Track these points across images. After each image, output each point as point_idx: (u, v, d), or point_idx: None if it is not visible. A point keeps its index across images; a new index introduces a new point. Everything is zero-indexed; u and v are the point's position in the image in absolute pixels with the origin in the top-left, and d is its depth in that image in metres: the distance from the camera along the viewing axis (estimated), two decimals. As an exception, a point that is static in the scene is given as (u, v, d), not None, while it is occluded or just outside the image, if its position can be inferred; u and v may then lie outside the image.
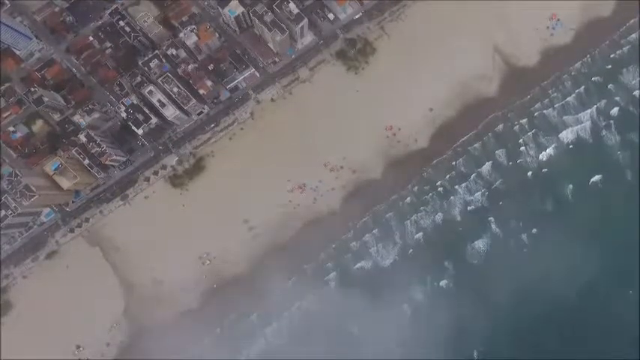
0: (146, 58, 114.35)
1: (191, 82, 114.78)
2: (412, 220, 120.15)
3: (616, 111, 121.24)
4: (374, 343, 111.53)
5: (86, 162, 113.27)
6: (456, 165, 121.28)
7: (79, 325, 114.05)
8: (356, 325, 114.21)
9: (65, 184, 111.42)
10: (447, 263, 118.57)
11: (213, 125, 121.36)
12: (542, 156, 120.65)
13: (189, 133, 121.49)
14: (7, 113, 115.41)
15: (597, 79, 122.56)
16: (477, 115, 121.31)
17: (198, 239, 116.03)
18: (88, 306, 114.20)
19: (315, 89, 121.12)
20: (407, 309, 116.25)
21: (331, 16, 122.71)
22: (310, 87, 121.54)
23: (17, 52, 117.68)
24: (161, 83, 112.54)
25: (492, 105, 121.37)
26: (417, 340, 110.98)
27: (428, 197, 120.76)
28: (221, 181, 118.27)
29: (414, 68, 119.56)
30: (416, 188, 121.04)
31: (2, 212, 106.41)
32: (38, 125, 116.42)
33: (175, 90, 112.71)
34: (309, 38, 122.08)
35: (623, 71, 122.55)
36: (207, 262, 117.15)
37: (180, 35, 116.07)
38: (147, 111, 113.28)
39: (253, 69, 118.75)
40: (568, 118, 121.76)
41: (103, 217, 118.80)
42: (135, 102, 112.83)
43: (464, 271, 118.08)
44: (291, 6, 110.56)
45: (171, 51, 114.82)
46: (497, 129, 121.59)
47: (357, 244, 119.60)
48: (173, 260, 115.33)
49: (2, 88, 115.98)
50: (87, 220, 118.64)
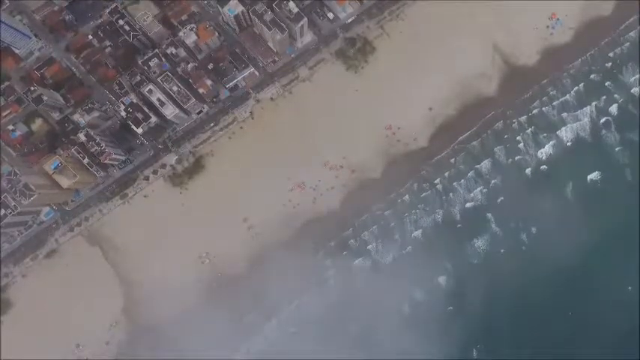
0: (146, 57, 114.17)
1: (191, 81, 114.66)
2: (411, 218, 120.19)
3: (615, 109, 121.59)
4: (372, 342, 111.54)
5: (86, 161, 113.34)
6: (455, 163, 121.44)
7: (79, 323, 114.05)
8: (355, 324, 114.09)
9: (65, 183, 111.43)
10: (445, 261, 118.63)
11: (212, 124, 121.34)
12: (541, 153, 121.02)
13: (188, 132, 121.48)
14: (6, 112, 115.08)
15: (596, 77, 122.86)
16: (476, 114, 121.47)
17: (197, 238, 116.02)
18: (88, 305, 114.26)
19: (314, 88, 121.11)
20: (405, 307, 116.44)
21: (331, 15, 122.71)
22: (310, 86, 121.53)
23: (17, 51, 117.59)
24: (161, 82, 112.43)
25: (492, 104, 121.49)
26: (415, 338, 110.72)
27: (427, 195, 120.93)
28: (220, 181, 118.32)
29: (414, 67, 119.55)
30: (415, 186, 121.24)
31: (2, 211, 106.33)
32: (38, 124, 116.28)
33: (175, 89, 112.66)
34: (309, 37, 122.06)
35: (623, 69, 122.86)
36: (207, 261, 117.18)
37: (180, 34, 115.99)
38: (146, 110, 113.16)
39: (253, 68, 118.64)
40: (567, 116, 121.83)
41: (103, 216, 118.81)
42: (134, 101, 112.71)
43: (463, 269, 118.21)
44: (291, 5, 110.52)
45: (171, 50, 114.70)
46: (496, 127, 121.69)
47: (356, 242, 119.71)
48: (172, 259, 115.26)
49: (2, 86, 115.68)
50: (86, 219, 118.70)
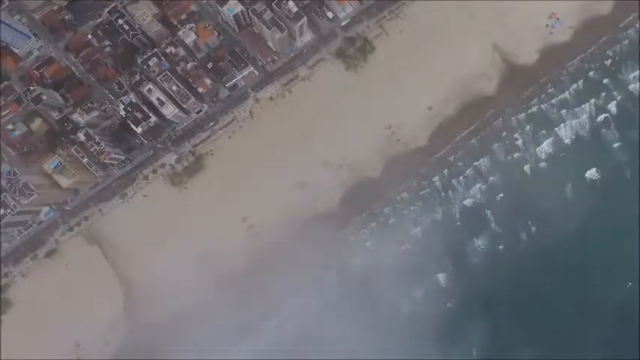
0: (145, 57, 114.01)
1: (190, 80, 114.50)
2: (410, 216, 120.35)
3: (614, 106, 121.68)
4: (370, 342, 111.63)
5: (85, 160, 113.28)
6: (454, 161, 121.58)
7: (78, 323, 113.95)
8: (353, 323, 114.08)
9: (64, 182, 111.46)
10: (444, 258, 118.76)
11: (212, 124, 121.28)
12: (540, 151, 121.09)
13: (188, 131, 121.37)
14: (5, 111, 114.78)
15: (595, 74, 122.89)
16: (476, 113, 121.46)
17: (197, 238, 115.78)
18: (87, 304, 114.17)
19: (314, 88, 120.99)
20: (404, 306, 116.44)
21: (330, 14, 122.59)
22: (309, 85, 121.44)
23: (16, 51, 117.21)
24: (160, 81, 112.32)
25: (491, 103, 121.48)
26: (414, 338, 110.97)
27: (426, 193, 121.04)
28: (220, 180, 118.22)
29: (413, 67, 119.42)
30: (414, 184, 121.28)
31: (1, 211, 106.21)
32: (37, 124, 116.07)
33: (174, 88, 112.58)
34: (309, 37, 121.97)
35: (622, 67, 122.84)
36: (207, 260, 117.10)
37: (179, 33, 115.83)
38: (146, 109, 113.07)
39: (252, 67, 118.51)
40: (566, 114, 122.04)
41: (102, 215, 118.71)
42: (134, 100, 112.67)
43: (462, 267, 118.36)
44: (290, 4, 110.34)
45: (170, 49, 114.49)
46: (494, 124, 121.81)
47: (355, 240, 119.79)
48: (172, 259, 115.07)
49: (1, 86, 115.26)
50: (86, 218, 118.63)
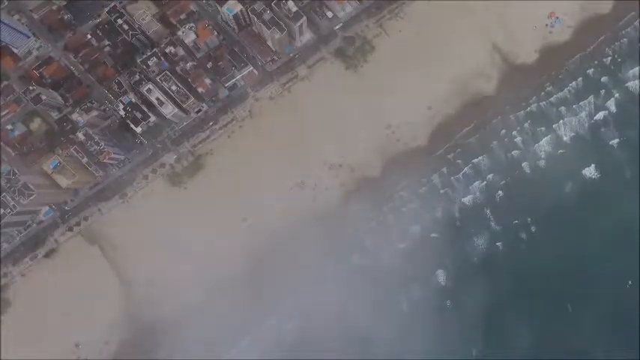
0: (144, 56, 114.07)
1: (190, 80, 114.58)
2: (409, 214, 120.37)
3: (613, 104, 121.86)
4: (369, 342, 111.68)
5: (84, 160, 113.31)
6: (453, 159, 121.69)
7: (78, 323, 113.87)
8: (353, 323, 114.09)
9: (64, 182, 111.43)
10: (443, 256, 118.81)
11: (211, 123, 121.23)
12: (539, 149, 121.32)
13: (187, 131, 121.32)
14: (5, 111, 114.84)
15: (594, 73, 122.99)
16: (475, 112, 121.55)
17: (197, 237, 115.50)
18: (87, 304, 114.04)
19: (313, 87, 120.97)
20: (404, 305, 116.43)
21: (330, 14, 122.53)
22: (309, 85, 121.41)
23: (15, 50, 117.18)
24: (159, 81, 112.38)
25: (491, 102, 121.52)
26: (413, 337, 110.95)
27: (425, 191, 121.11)
28: (220, 180, 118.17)
29: (413, 66, 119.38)
30: (414, 183, 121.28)
31: (1, 211, 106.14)
32: (36, 123, 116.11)
33: (174, 88, 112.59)
34: (308, 36, 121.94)
35: (621, 65, 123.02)
36: (206, 260, 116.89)
37: (179, 33, 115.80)
38: (145, 109, 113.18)
39: (252, 67, 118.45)
40: (565, 111, 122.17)
41: (102, 215, 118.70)
42: (133, 100, 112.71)
43: (461, 264, 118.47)
44: (290, 4, 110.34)
45: (170, 49, 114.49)
46: (494, 122, 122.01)
47: (355, 239, 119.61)
48: (172, 259, 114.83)
49: (0, 86, 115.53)
50: (86, 218, 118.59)
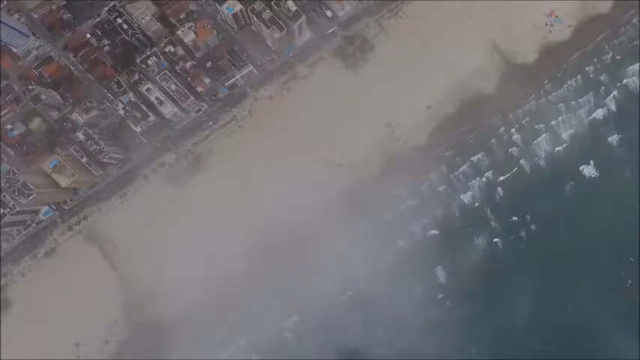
0: (144, 56, 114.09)
1: (189, 79, 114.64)
2: (409, 213, 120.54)
3: (612, 102, 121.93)
4: (369, 341, 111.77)
5: (84, 160, 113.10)
6: (452, 157, 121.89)
7: (78, 322, 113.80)
8: (352, 322, 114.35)
9: (63, 182, 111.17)
10: (443, 255, 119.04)
11: (211, 123, 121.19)
12: (538, 146, 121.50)
13: (187, 130, 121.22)
14: (4, 111, 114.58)
15: (594, 71, 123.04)
16: (475, 111, 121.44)
17: (197, 237, 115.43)
18: (87, 304, 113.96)
19: (313, 87, 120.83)
20: (404, 304, 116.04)
21: (329, 13, 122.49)
22: (308, 84, 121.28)
23: (15, 50, 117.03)
24: (159, 81, 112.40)
25: (490, 102, 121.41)
26: (414, 337, 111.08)
27: (424, 190, 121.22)
28: (220, 179, 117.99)
29: (413, 65, 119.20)
30: (413, 182, 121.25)
31: (0, 210, 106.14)
32: (36, 123, 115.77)
33: (173, 87, 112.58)
34: (308, 36, 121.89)
35: (620, 64, 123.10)
36: (206, 260, 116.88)
37: (178, 32, 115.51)
38: (145, 108, 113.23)
39: (251, 66, 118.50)
40: (564, 109, 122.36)
41: (102, 215, 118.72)
42: (133, 99, 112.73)
43: (460, 263, 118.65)
44: (289, 3, 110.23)
45: (169, 48, 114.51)
46: (492, 120, 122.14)
47: (354, 239, 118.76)
48: (172, 258, 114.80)
49: (0, 85, 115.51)
50: (85, 218, 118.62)
